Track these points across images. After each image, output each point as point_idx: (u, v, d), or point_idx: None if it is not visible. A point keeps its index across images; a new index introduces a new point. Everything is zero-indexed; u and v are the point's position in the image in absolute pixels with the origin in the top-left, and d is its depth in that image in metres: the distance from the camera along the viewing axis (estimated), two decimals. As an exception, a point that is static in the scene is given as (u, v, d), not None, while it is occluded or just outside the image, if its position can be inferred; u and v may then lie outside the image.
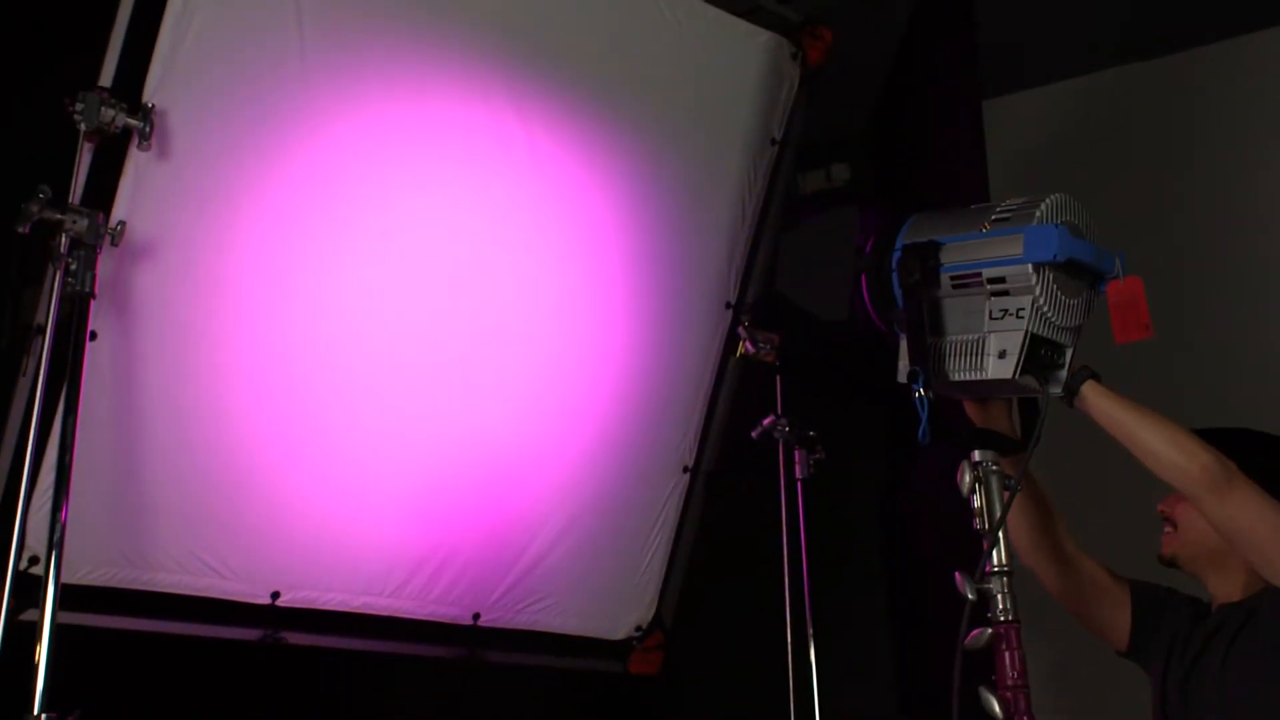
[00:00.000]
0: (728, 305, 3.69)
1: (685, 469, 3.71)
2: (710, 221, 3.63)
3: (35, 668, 2.25)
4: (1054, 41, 4.11)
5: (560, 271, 3.42)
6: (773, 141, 3.70)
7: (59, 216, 2.40)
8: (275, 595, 3.02)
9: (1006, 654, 1.91)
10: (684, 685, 3.93)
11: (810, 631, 3.32)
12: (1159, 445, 2.01)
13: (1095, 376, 2.05)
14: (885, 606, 4.07)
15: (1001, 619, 1.93)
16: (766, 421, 3.44)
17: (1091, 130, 4.21)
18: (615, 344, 3.54)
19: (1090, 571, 2.27)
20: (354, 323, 3.06)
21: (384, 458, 3.16)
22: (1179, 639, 2.21)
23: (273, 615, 3.02)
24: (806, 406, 3.46)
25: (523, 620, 3.45)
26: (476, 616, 3.37)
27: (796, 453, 3.44)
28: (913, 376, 1.97)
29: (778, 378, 3.51)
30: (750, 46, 3.59)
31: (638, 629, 3.70)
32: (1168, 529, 2.30)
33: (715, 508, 3.77)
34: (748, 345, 3.57)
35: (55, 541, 2.31)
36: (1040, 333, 1.97)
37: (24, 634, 2.45)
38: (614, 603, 3.65)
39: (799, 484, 3.42)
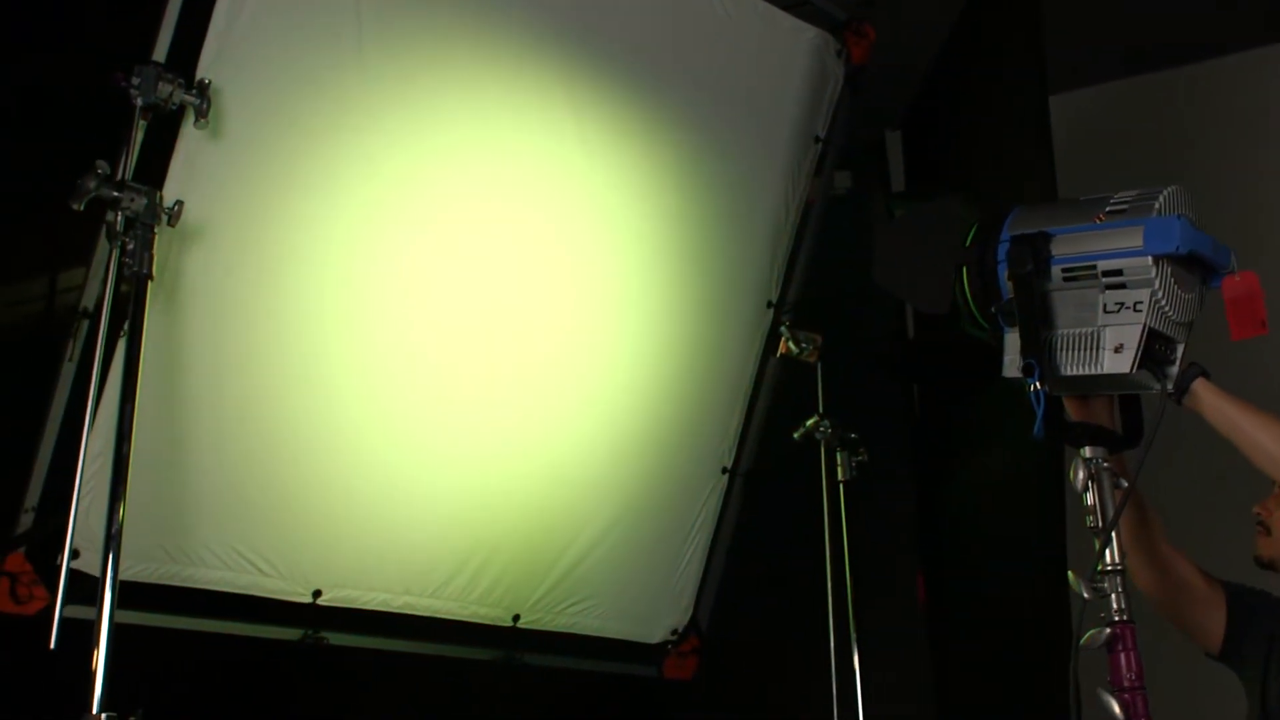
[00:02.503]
0: (769, 304, 3.64)
1: (724, 470, 3.66)
2: (753, 219, 3.58)
3: (93, 667, 2.14)
4: (1122, 37, 4.05)
5: (602, 269, 3.36)
6: (816, 139, 3.65)
7: (115, 194, 2.30)
8: (317, 593, 2.94)
9: (1122, 655, 1.85)
10: (719, 691, 3.85)
11: (854, 636, 3.27)
12: (1272, 443, 1.97)
13: (1205, 373, 2.00)
14: (926, 611, 4.01)
15: (1116, 619, 1.87)
16: (809, 423, 3.39)
17: (1158, 128, 4.15)
18: (655, 344, 3.47)
19: (1184, 573, 2.22)
20: (401, 318, 2.99)
21: (426, 458, 3.09)
22: (1276, 641, 2.17)
23: (314, 614, 2.94)
24: (846, 408, 3.41)
25: (562, 622, 3.39)
26: (516, 618, 3.30)
27: (838, 454, 3.39)
28: (1028, 370, 1.91)
29: (819, 379, 3.45)
30: (797, 42, 3.55)
31: (674, 632, 3.64)
32: (1260, 531, 2.25)
33: (754, 509, 3.71)
34: (789, 344, 3.51)
35: (114, 535, 2.20)
36: (1156, 327, 1.92)
37: (64, 629, 2.36)
38: (651, 605, 3.59)
39: (840, 486, 3.38)
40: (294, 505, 2.87)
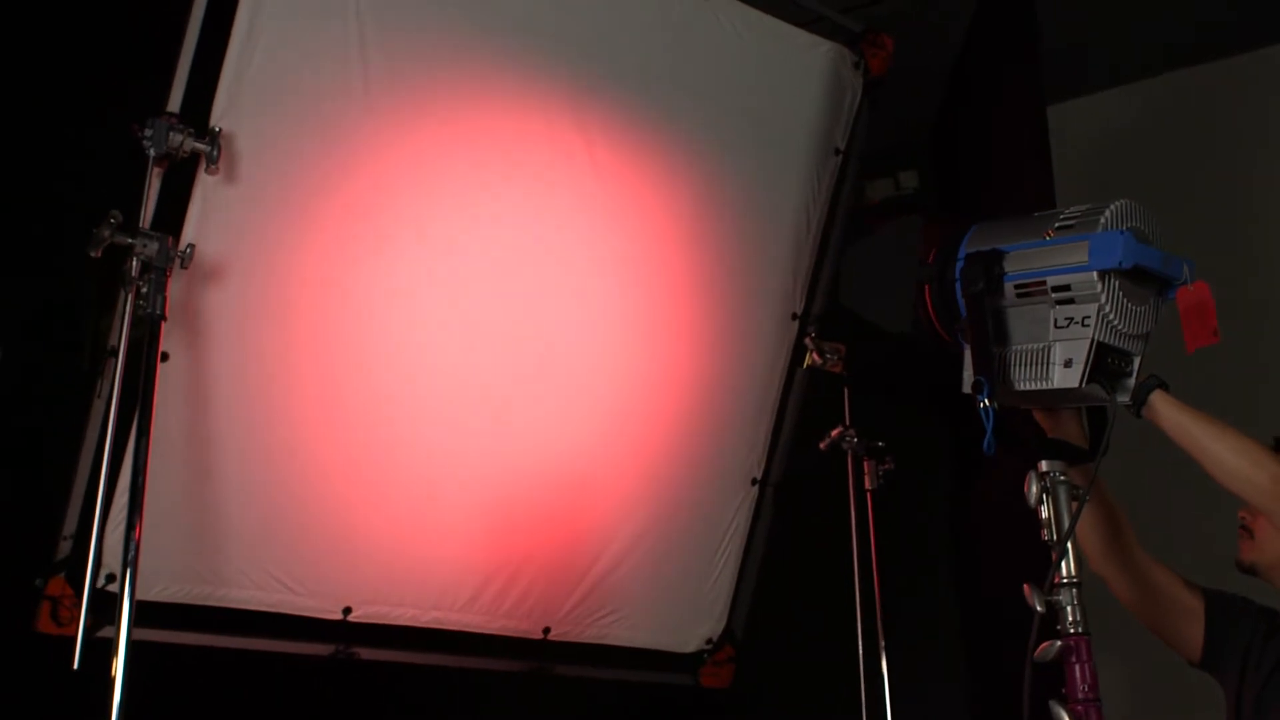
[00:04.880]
0: (794, 316, 3.67)
1: (754, 481, 3.70)
2: (775, 232, 3.62)
3: (111, 684, 2.27)
4: (1119, 44, 4.03)
5: (625, 285, 3.42)
6: (836, 151, 3.68)
7: (130, 240, 2.45)
8: (347, 611, 3.05)
9: (1077, 667, 1.88)
10: (755, 699, 3.91)
11: (883, 645, 3.30)
12: (1228, 456, 1.97)
13: (1163, 385, 2.02)
14: (957, 619, 4.01)
15: (1072, 631, 1.90)
16: (835, 433, 3.43)
17: (1160, 134, 4.12)
18: (681, 357, 3.53)
19: (1162, 580, 2.23)
20: (423, 340, 3.09)
21: (453, 472, 3.18)
22: (1253, 652, 2.16)
23: (345, 630, 3.05)
24: (875, 417, 3.43)
25: (593, 634, 3.46)
26: (547, 630, 3.38)
27: (865, 464, 3.42)
28: (977, 387, 1.94)
29: (845, 388, 3.49)
30: (812, 57, 3.58)
31: (708, 642, 3.68)
32: (1243, 535, 2.25)
33: (786, 519, 3.75)
34: (815, 356, 3.56)
35: (130, 560, 2.34)
36: (1107, 341, 1.94)
37: (103, 650, 2.51)
38: (684, 615, 3.64)
39: (868, 495, 3.40)
40: (322, 525, 2.98)
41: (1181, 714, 2.61)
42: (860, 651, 3.30)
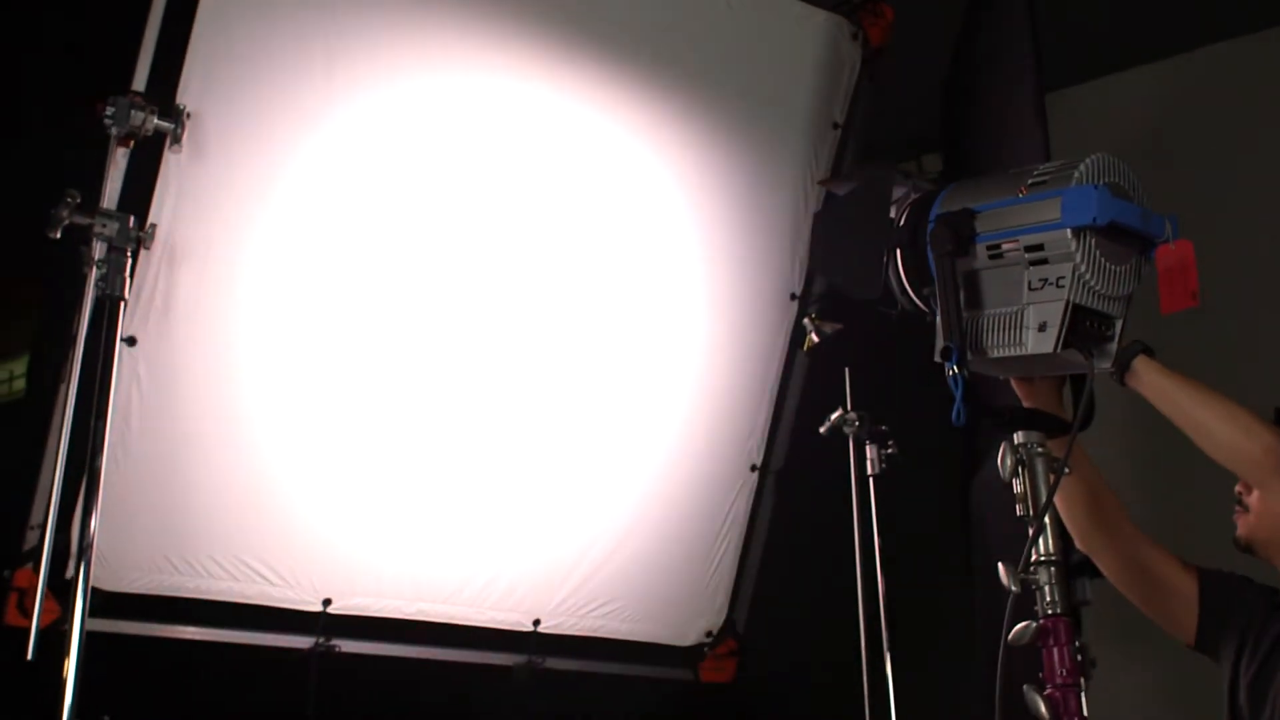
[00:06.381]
0: (792, 296, 3.57)
1: (753, 467, 3.60)
2: (771, 211, 3.51)
3: (64, 676, 2.20)
4: (1119, 29, 3.89)
5: (614, 267, 3.33)
6: (835, 126, 3.56)
7: (88, 221, 2.38)
8: (327, 602, 2.98)
9: (1055, 650, 1.76)
10: (758, 693, 3.79)
11: (885, 637, 3.18)
12: (1216, 424, 1.84)
13: (1148, 350, 1.89)
14: (967, 609, 3.87)
15: (1049, 612, 1.77)
16: (835, 416, 3.30)
17: (1162, 119, 3.98)
18: (674, 339, 3.44)
19: (1153, 558, 2.09)
20: (405, 321, 3.03)
21: (437, 458, 3.11)
22: (1250, 633, 2.02)
23: (325, 622, 2.98)
24: (878, 398, 3.31)
25: (586, 625, 3.37)
26: (537, 622, 3.29)
27: (867, 448, 3.30)
28: (945, 354, 1.82)
29: (847, 371, 3.36)
30: (806, 28, 3.47)
31: (708, 634, 3.59)
32: (1239, 510, 2.10)
33: (789, 507, 3.64)
34: (815, 337, 3.44)
35: (85, 547, 2.27)
36: (1084, 303, 1.81)
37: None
38: (682, 607, 3.54)
39: (870, 480, 3.29)
40: (300, 515, 2.92)
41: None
42: (863, 646, 3.18)
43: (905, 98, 3.66)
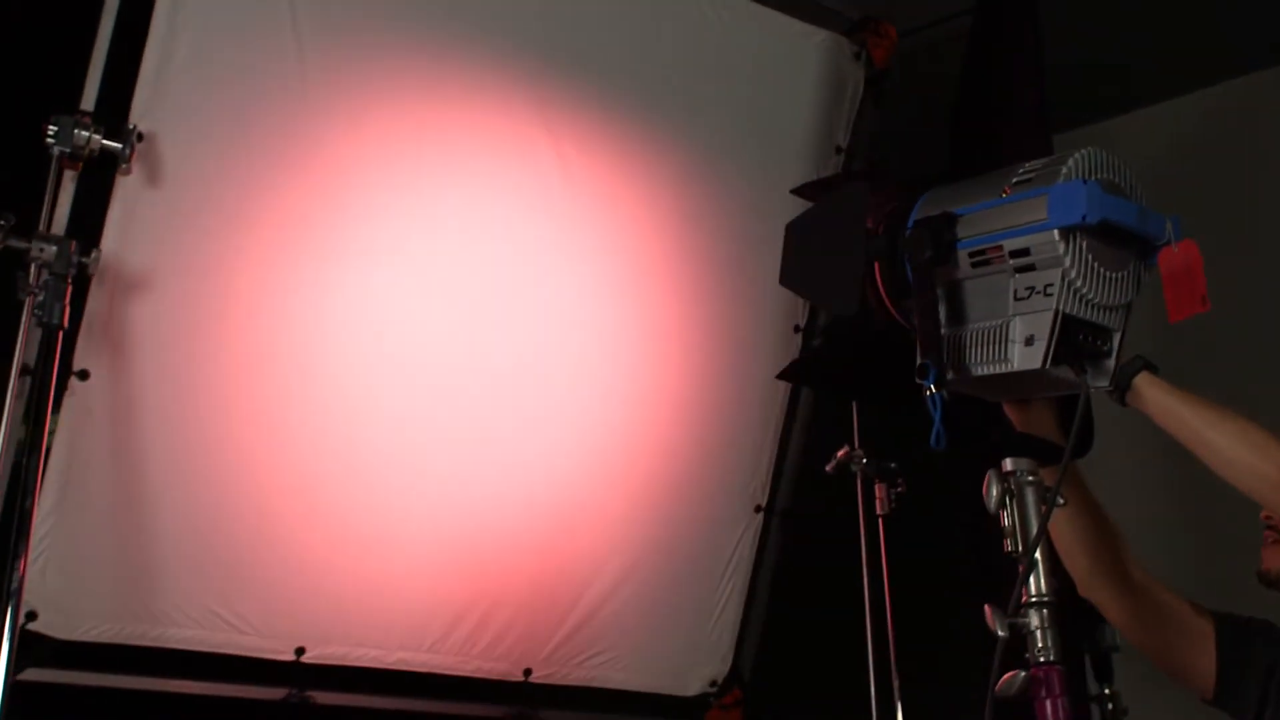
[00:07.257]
0: (796, 329, 3.40)
1: (758, 508, 3.41)
2: (772, 238, 3.32)
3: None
4: (1133, 66, 3.76)
5: (608, 297, 3.18)
6: (838, 149, 3.40)
7: (24, 245, 2.26)
8: (300, 651, 2.81)
9: (1048, 702, 1.57)
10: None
11: (896, 686, 3.01)
12: (1228, 444, 1.66)
13: (1151, 367, 1.72)
14: (981, 651, 3.66)
15: (1041, 660, 1.59)
16: (841, 454, 3.13)
17: (1169, 159, 3.82)
18: (673, 373, 3.27)
19: (1164, 602, 1.90)
20: (378, 354, 2.87)
21: (418, 499, 2.94)
22: (1273, 684, 1.82)
23: (298, 673, 2.82)
24: (888, 434, 3.13)
25: (580, 676, 3.18)
26: (528, 672, 3.11)
27: (876, 487, 3.13)
28: (922, 372, 1.65)
29: (854, 405, 3.19)
30: (806, 47, 3.32)
31: (713, 684, 3.39)
32: (1268, 539, 1.90)
33: (795, 549, 3.45)
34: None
35: (13, 590, 2.14)
36: (1075, 313, 1.64)
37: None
38: (684, 655, 3.35)
39: (880, 520, 3.12)
40: (269, 558, 2.76)
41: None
42: (873, 694, 3.01)
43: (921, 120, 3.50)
